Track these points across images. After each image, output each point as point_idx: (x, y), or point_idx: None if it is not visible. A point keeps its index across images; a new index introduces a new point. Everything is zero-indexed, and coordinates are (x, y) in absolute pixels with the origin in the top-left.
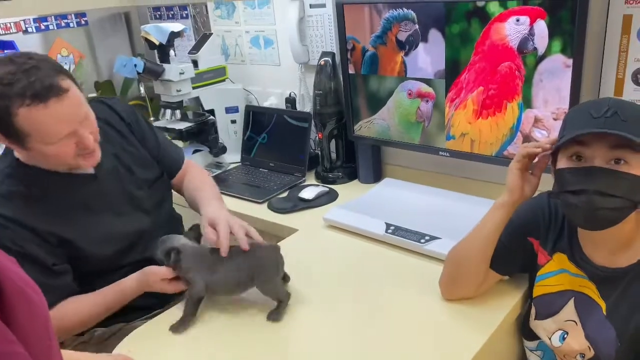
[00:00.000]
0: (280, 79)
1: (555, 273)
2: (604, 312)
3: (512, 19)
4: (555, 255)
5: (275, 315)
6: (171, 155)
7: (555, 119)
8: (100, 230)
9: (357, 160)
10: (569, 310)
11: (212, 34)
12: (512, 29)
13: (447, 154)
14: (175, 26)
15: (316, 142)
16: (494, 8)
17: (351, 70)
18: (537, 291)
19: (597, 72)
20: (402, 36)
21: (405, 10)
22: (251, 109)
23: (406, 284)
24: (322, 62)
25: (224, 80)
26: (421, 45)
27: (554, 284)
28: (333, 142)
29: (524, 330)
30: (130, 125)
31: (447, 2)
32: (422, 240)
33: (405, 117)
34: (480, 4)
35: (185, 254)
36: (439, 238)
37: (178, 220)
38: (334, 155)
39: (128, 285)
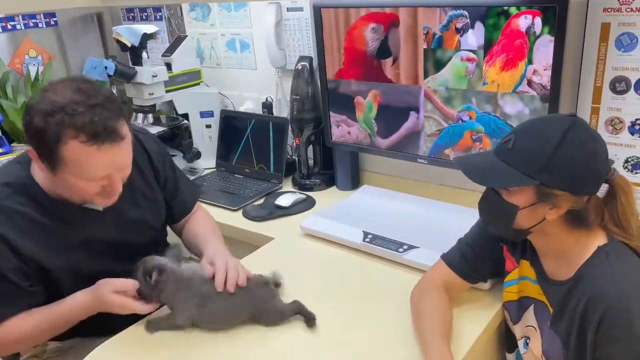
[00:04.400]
0: (256, 83)
1: (518, 280)
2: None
3: (523, 16)
4: (521, 262)
5: (309, 323)
6: (186, 198)
7: (544, 69)
8: (86, 268)
9: (335, 167)
10: (530, 316)
11: (186, 36)
12: (523, 22)
13: (425, 161)
14: (148, 28)
15: (293, 148)
16: (513, 10)
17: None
18: (505, 297)
19: (576, 79)
20: (460, 25)
21: (461, 10)
22: (227, 113)
23: (384, 294)
24: (300, 67)
25: (198, 84)
26: (470, 30)
27: (516, 291)
28: (310, 148)
29: (505, 341)
30: (157, 171)
31: (488, 7)
32: (400, 250)
33: (458, 73)
34: (505, 8)
35: (171, 277)
36: (417, 247)
37: None
38: (311, 162)
39: (80, 299)
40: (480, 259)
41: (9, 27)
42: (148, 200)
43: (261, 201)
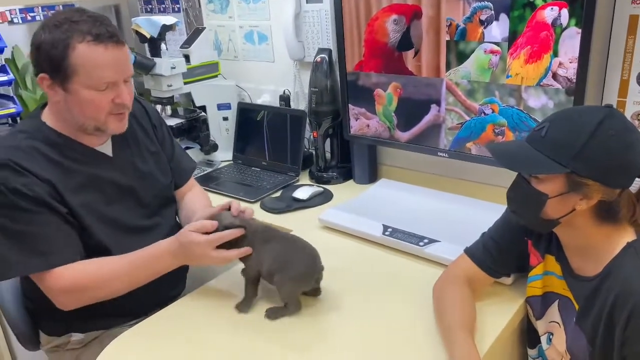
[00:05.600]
0: (274, 75)
1: (542, 275)
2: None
3: (549, 8)
4: (546, 257)
5: (272, 312)
6: (183, 165)
7: (570, 62)
8: (103, 211)
9: (353, 161)
10: (554, 311)
11: (204, 28)
12: (549, 13)
13: (445, 155)
14: (168, 19)
15: (310, 141)
16: (539, 2)
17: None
18: (528, 292)
19: (602, 73)
20: (484, 17)
21: (486, 2)
22: (244, 106)
23: (404, 288)
24: (319, 59)
25: (216, 76)
26: (494, 22)
27: (541, 286)
28: (328, 141)
29: (526, 337)
30: (155, 127)
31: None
32: (421, 243)
33: (481, 65)
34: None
35: (248, 235)
36: (438, 241)
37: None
38: (328, 155)
39: (164, 241)
40: (504, 253)
41: (29, 18)
42: (152, 154)
43: (278, 194)
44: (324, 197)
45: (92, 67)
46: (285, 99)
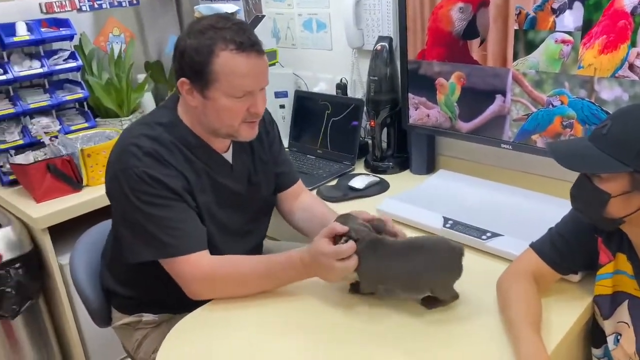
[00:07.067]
0: (331, 64)
1: (612, 274)
2: None
3: None
4: (618, 255)
5: (428, 302)
6: (289, 167)
7: None
8: (212, 213)
9: (410, 150)
10: (623, 311)
11: (264, 16)
12: (628, 1)
13: (509, 147)
14: (228, 7)
15: (367, 130)
16: None
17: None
18: (597, 290)
19: None
20: (556, 5)
21: None
22: (301, 94)
23: (466, 283)
24: (379, 47)
25: (274, 64)
26: (567, 10)
27: (611, 285)
28: (385, 131)
29: (591, 336)
30: (268, 132)
31: None
32: (484, 237)
33: (551, 56)
34: None
35: (361, 241)
36: (501, 235)
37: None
38: (385, 144)
39: (295, 250)
40: (572, 249)
41: (96, 5)
42: (263, 164)
43: (334, 182)
44: (381, 187)
45: (233, 75)
46: (341, 87)
